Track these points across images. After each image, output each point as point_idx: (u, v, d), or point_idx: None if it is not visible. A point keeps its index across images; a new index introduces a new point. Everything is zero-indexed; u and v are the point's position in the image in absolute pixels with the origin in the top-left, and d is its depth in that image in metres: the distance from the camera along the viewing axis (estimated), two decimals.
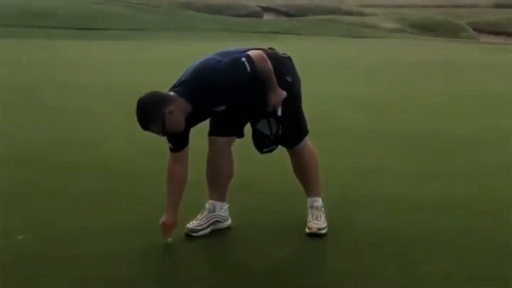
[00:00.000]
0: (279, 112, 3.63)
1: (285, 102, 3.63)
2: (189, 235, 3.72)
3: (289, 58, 3.78)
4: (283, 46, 3.54)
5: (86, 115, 7.42)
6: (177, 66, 4.30)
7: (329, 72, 11.77)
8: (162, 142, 3.69)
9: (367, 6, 35.44)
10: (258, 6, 35.83)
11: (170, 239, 3.61)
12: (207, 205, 3.83)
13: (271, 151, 3.73)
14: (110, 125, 6.81)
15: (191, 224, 3.76)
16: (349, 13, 31.52)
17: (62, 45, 17.01)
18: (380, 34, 24.87)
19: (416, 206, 4.32)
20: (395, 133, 6.60)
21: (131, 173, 5.00)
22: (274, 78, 3.57)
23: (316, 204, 3.88)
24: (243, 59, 3.51)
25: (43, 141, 6.03)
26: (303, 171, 3.92)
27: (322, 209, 3.87)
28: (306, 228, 3.79)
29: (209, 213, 3.80)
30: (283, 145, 3.80)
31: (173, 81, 3.62)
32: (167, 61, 12.15)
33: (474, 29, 30.41)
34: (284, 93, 3.61)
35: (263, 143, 3.69)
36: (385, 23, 28.27)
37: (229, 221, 3.88)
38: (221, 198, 3.84)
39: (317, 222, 3.81)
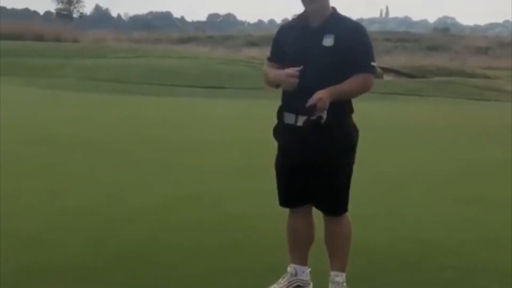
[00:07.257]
0: (316, 114, 3.43)
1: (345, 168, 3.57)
2: None
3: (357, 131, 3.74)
4: (403, 107, 3.51)
5: (204, 172, 7.59)
6: None
7: (450, 136, 11.50)
8: (274, 202, 3.76)
9: (491, 68, 34.51)
10: (379, 67, 35.77)
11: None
12: (288, 269, 3.78)
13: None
14: (226, 183, 6.95)
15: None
16: (472, 75, 30.78)
17: (186, 103, 17.66)
18: (505, 97, 24.07)
19: None
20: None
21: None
22: (345, 94, 3.56)
23: (337, 279, 3.72)
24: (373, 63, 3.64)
25: (163, 196, 6.24)
26: (333, 242, 3.75)
27: (344, 284, 3.72)
28: None
29: (291, 277, 3.76)
30: (326, 211, 3.68)
31: None
32: None
33: None
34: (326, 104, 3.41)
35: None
36: (509, 86, 27.36)
37: (310, 286, 3.81)
38: (303, 262, 3.78)
39: None
